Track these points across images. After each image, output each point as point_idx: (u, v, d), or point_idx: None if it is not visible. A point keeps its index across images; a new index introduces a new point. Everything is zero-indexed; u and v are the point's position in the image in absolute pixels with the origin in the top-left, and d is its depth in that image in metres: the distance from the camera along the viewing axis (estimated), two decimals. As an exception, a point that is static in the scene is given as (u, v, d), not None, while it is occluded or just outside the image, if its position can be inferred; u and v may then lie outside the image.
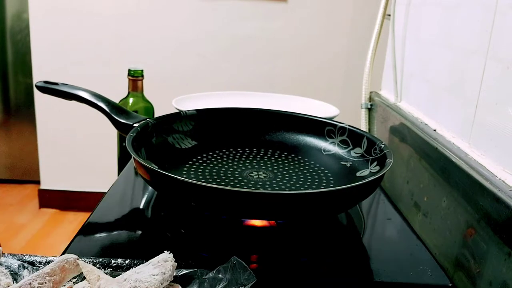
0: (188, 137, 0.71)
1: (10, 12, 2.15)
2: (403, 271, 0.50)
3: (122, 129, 0.66)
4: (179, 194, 0.50)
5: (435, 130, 0.75)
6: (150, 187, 0.64)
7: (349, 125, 0.70)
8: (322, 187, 0.61)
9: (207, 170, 0.64)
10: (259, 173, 0.64)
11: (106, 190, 0.66)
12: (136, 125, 0.64)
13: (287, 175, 0.64)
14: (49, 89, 0.71)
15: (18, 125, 2.30)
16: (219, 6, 1.91)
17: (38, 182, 2.17)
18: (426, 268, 0.52)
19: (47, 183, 2.14)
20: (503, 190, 0.52)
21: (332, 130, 0.71)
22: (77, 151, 2.06)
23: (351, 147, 0.68)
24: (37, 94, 1.98)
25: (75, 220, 2.08)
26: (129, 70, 0.90)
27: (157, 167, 0.54)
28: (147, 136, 0.64)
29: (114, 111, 0.67)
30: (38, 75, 1.96)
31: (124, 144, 0.60)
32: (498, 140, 0.58)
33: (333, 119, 0.73)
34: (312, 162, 0.69)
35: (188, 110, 0.73)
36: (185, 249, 0.51)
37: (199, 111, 0.74)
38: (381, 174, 0.52)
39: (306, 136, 0.73)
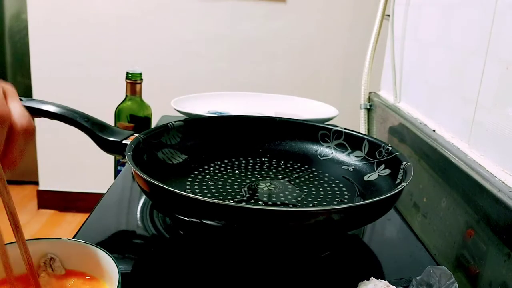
0: (177, 151, 0.66)
1: (9, 12, 2.15)
2: (402, 272, 0.50)
3: (108, 146, 0.60)
4: (192, 213, 0.46)
5: (434, 130, 0.75)
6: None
7: (345, 128, 0.68)
8: (337, 198, 0.58)
9: (203, 185, 0.60)
10: (267, 184, 0.61)
11: (104, 191, 0.66)
12: (125, 141, 0.59)
13: (297, 187, 0.61)
14: None
15: (16, 126, 2.30)
16: (218, 7, 1.91)
17: (36, 183, 2.16)
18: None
19: (45, 184, 2.14)
20: (502, 191, 0.52)
21: (327, 134, 0.69)
22: (76, 152, 2.06)
23: (349, 150, 0.67)
24: (36, 95, 1.98)
25: (74, 221, 2.08)
26: (127, 73, 0.87)
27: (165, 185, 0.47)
28: (139, 153, 0.59)
29: (97, 128, 0.60)
30: (37, 76, 1.95)
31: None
32: (498, 141, 0.58)
33: (330, 122, 0.72)
34: (314, 168, 0.67)
35: (175, 121, 0.68)
36: (183, 252, 0.51)
37: (186, 121, 0.69)
38: (407, 182, 0.49)
39: (302, 142, 0.71)
